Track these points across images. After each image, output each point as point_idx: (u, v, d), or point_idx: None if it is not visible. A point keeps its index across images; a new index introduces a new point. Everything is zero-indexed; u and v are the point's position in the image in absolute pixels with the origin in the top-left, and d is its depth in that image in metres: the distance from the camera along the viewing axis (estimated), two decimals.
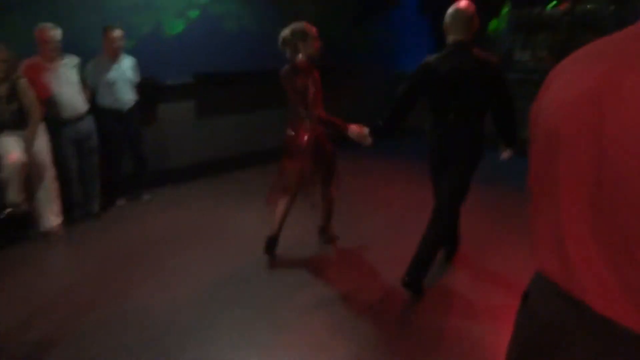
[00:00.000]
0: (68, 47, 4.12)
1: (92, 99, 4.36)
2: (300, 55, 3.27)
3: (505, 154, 3.14)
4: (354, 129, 3.15)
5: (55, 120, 4.04)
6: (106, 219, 4.45)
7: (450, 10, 2.98)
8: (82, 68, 4.24)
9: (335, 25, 6.94)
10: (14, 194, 3.61)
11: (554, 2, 9.37)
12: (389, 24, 7.96)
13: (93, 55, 4.37)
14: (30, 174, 3.75)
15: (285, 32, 3.31)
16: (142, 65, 4.63)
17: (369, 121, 3.17)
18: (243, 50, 5.95)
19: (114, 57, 4.37)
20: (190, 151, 5.64)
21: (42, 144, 3.86)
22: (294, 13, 6.46)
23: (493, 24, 10.47)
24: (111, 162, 4.62)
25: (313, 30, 3.29)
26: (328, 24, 5.52)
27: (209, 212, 4.63)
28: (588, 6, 8.72)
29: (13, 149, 3.61)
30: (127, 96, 4.49)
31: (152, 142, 4.95)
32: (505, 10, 10.35)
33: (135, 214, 4.56)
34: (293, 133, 3.37)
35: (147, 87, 4.76)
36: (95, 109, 4.37)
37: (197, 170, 5.67)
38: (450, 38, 2.95)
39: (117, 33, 4.31)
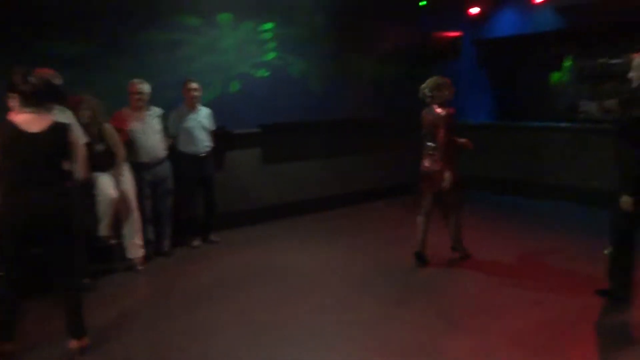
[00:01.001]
0: (152, 100, 4.61)
1: (172, 146, 4.78)
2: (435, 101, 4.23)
3: None
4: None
5: (137, 163, 4.45)
6: (178, 257, 4.71)
7: None
8: (164, 118, 4.70)
9: (395, 79, 7.19)
10: (105, 228, 3.99)
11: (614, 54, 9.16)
12: (449, 76, 8.11)
13: (173, 108, 4.84)
14: (118, 210, 4.12)
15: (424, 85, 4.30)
16: (215, 117, 5.05)
17: None
18: (304, 102, 6.32)
19: (192, 107, 4.83)
20: (255, 196, 5.92)
21: (129, 182, 4.25)
22: (355, 71, 6.87)
23: (555, 77, 10.34)
24: (187, 203, 4.94)
25: (447, 81, 4.32)
26: (388, 79, 5.79)
27: (272, 254, 4.79)
28: None
29: (107, 186, 4.01)
30: (204, 142, 4.88)
31: (221, 187, 5.26)
32: (568, 62, 10.22)
33: (205, 255, 4.81)
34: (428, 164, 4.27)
35: (219, 136, 5.14)
36: (173, 155, 4.77)
37: (262, 214, 5.91)
38: None
39: (194, 85, 4.79)
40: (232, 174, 5.64)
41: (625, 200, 3.17)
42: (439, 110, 4.20)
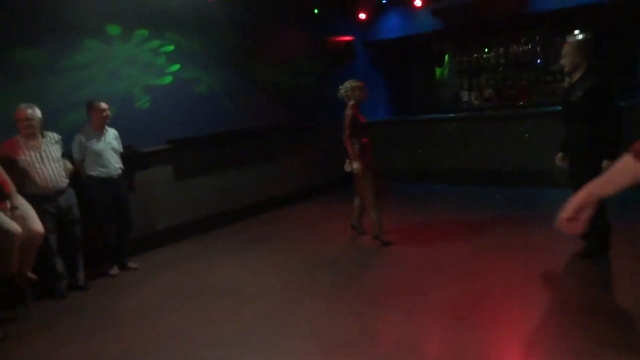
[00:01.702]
0: (49, 125, 4.27)
1: (76, 172, 4.46)
2: (352, 101, 4.86)
3: None
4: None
5: (35, 195, 4.07)
6: (96, 289, 4.41)
7: None
8: (65, 144, 4.36)
9: (301, 84, 7.41)
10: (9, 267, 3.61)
11: (486, 49, 10.37)
12: (348, 79, 8.55)
13: (71, 132, 4.52)
14: (25, 246, 3.75)
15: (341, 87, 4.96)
16: (121, 136, 4.82)
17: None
18: (212, 113, 6.26)
19: (99, 129, 4.55)
20: (172, 214, 5.74)
21: (33, 214, 3.89)
22: (260, 79, 6.95)
23: (438, 72, 11.38)
24: (102, 231, 4.66)
25: (360, 84, 4.94)
26: (295, 84, 5.96)
27: (196, 272, 4.69)
28: (519, 49, 9.70)
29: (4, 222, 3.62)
30: (115, 164, 4.63)
31: (136, 209, 5.02)
32: (447, 58, 11.30)
33: (126, 282, 4.55)
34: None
35: (127, 156, 4.90)
36: (78, 182, 4.46)
37: (179, 233, 5.75)
38: None
39: (104, 105, 4.53)
40: (145, 194, 5.41)
41: (606, 164, 3.50)
42: (347, 111, 4.82)
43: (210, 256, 5.14)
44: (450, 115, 8.48)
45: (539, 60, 9.75)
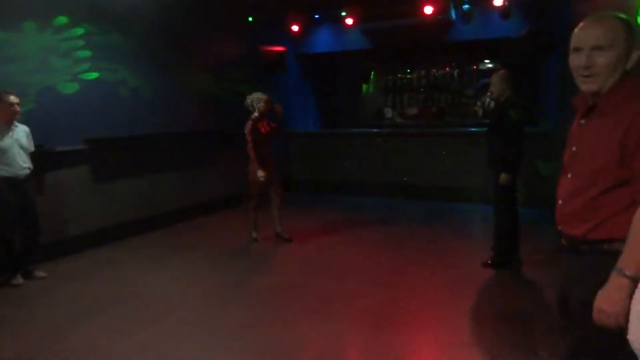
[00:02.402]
0: None
1: None
2: (256, 113, 5.13)
3: None
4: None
5: None
6: None
7: None
8: None
9: (230, 91, 7.31)
10: None
11: (408, 70, 11.03)
12: (279, 89, 8.59)
13: None
14: None
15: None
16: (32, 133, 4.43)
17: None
18: (136, 114, 5.97)
19: (7, 124, 4.13)
20: (87, 219, 5.35)
21: None
22: (188, 83, 6.76)
23: (365, 88, 11.84)
24: (4, 236, 4.20)
25: (265, 97, 5.21)
26: (223, 91, 5.87)
27: (113, 280, 4.41)
28: (438, 72, 10.42)
29: None
30: (23, 164, 4.22)
31: (45, 213, 4.62)
32: (373, 76, 11.81)
33: (30, 293, 4.14)
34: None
35: (37, 155, 4.51)
36: None
37: (95, 239, 5.38)
38: None
39: (14, 98, 4.12)
40: (57, 196, 5.00)
41: (504, 177, 4.12)
42: (248, 121, 5.10)
43: (129, 264, 4.86)
44: (375, 130, 8.84)
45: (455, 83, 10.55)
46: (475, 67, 10.54)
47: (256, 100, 5.18)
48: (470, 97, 10.57)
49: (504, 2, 6.64)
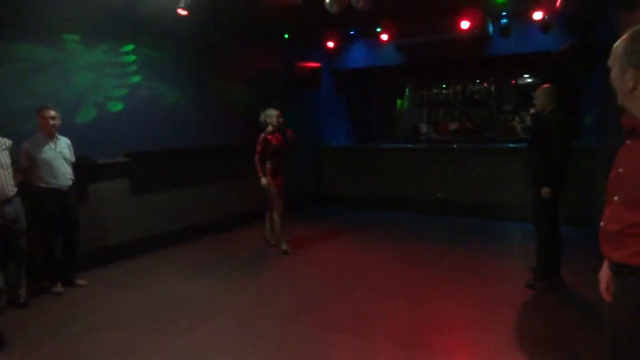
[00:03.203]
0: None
1: (25, 180, 4.24)
2: (270, 128, 5.48)
3: None
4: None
5: None
6: (38, 307, 4.13)
7: None
8: (14, 150, 4.14)
9: (263, 106, 7.43)
10: None
11: (444, 85, 10.89)
12: (312, 105, 8.68)
13: (25, 139, 4.31)
14: None
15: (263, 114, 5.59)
16: (75, 146, 4.65)
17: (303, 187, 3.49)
18: (174, 128, 6.17)
19: (50, 137, 4.36)
20: (124, 229, 5.53)
21: None
22: (225, 98, 6.93)
23: (399, 103, 11.79)
24: (48, 244, 4.38)
25: (278, 112, 5.57)
26: (257, 107, 5.96)
27: (149, 290, 4.52)
28: (476, 87, 10.24)
29: None
30: (66, 175, 4.42)
31: (86, 222, 4.81)
32: (408, 91, 11.75)
33: (70, 301, 4.30)
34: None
35: (81, 167, 4.72)
36: (26, 190, 4.23)
37: (133, 248, 5.54)
38: None
39: (52, 112, 4.33)
40: (97, 207, 5.20)
41: (546, 190, 4.01)
42: (261, 135, 5.44)
43: (165, 274, 4.97)
44: (408, 145, 8.76)
45: (492, 99, 10.32)
46: (513, 82, 10.33)
47: (269, 116, 5.52)
48: (508, 113, 10.34)
49: (543, 15, 6.48)
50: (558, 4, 6.02)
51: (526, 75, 10.10)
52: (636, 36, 1.53)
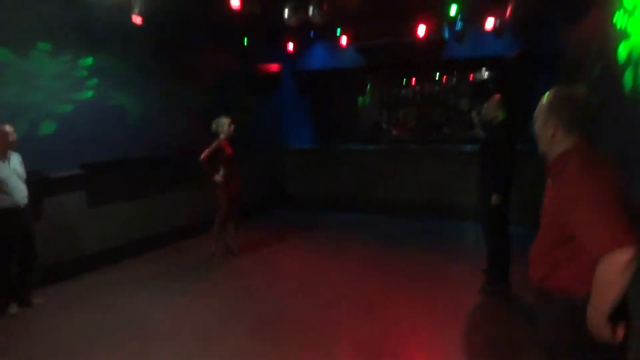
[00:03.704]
0: None
1: None
2: (222, 135, 5.58)
3: None
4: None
5: None
6: None
7: None
8: None
9: (224, 110, 7.36)
10: None
11: (403, 85, 11.11)
12: (274, 106, 8.67)
13: None
14: None
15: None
16: (31, 159, 4.50)
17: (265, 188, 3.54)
18: (131, 137, 6.03)
19: (3, 154, 4.18)
20: (84, 243, 5.41)
21: None
22: (183, 103, 6.81)
23: (361, 100, 11.93)
24: (3, 265, 4.23)
25: (229, 119, 5.65)
26: (218, 112, 5.92)
27: (107, 306, 4.46)
28: (434, 87, 10.51)
29: None
30: (22, 192, 4.27)
31: (43, 238, 4.68)
32: (369, 88, 11.90)
33: (26, 321, 4.19)
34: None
35: (34, 183, 4.56)
36: None
37: (92, 263, 5.44)
38: None
39: (9, 128, 4.17)
40: (53, 222, 5.05)
41: (495, 198, 4.21)
42: (215, 141, 5.55)
43: (124, 289, 4.90)
44: (370, 146, 8.91)
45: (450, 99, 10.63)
46: (471, 76, 10.61)
47: (221, 124, 5.62)
48: (466, 112, 10.66)
49: (494, 23, 6.72)
50: (508, 13, 6.25)
51: (484, 68, 10.38)
52: (558, 94, 1.83)
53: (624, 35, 3.23)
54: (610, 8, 3.54)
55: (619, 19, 3.36)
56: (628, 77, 3.11)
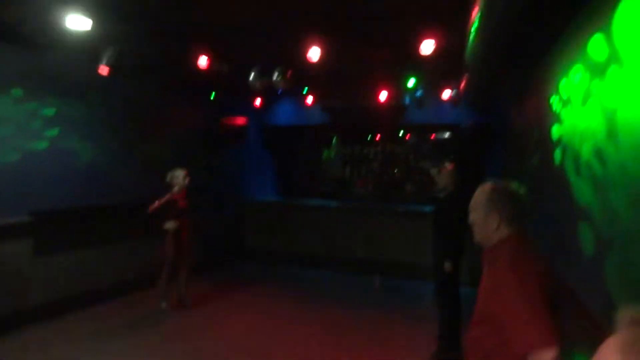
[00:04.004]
0: None
1: None
2: (176, 188, 5.60)
3: None
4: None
5: None
6: None
7: None
8: None
9: (191, 161, 7.36)
10: None
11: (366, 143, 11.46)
12: (238, 159, 8.75)
13: None
14: None
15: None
16: None
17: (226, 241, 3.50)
18: (88, 187, 5.91)
19: None
20: (22, 296, 5.12)
21: None
22: (143, 155, 6.74)
23: (325, 153, 12.17)
24: None
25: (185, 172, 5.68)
26: (179, 164, 5.92)
27: None
28: (395, 147, 10.90)
29: None
30: None
31: None
32: (334, 142, 12.19)
33: None
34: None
35: None
36: None
37: (38, 314, 5.15)
38: None
39: None
40: None
41: (447, 265, 4.30)
42: (168, 194, 5.58)
43: (62, 350, 4.59)
44: (331, 204, 9.02)
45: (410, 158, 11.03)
46: (433, 136, 11.05)
47: (175, 176, 5.62)
48: (423, 173, 11.04)
49: (450, 95, 7.15)
50: (462, 86, 6.70)
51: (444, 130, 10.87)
52: (496, 188, 1.93)
53: (557, 118, 3.50)
54: (549, 91, 3.83)
55: (555, 103, 3.65)
56: (557, 156, 3.38)
